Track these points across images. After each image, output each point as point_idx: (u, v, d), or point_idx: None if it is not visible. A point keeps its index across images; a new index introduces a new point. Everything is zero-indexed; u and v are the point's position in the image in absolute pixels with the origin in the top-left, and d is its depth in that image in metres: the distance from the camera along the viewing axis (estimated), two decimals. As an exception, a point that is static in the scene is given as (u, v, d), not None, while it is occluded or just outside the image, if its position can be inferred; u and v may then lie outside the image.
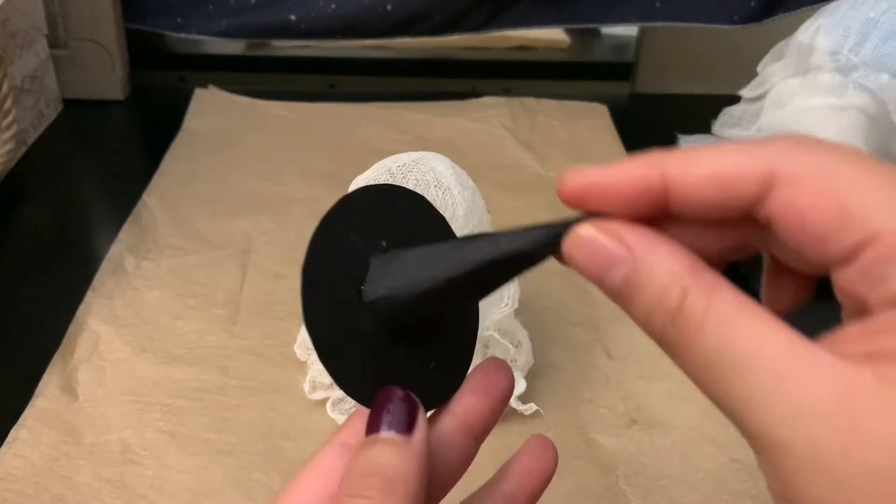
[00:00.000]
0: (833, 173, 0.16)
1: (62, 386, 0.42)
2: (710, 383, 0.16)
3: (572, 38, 0.86)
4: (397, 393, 0.21)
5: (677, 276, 0.17)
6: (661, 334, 0.17)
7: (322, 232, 0.23)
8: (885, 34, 0.59)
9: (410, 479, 0.20)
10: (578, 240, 0.18)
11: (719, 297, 0.16)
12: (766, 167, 0.17)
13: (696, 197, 0.17)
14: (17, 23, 0.63)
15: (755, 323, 0.16)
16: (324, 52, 0.81)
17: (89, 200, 0.62)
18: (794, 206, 0.16)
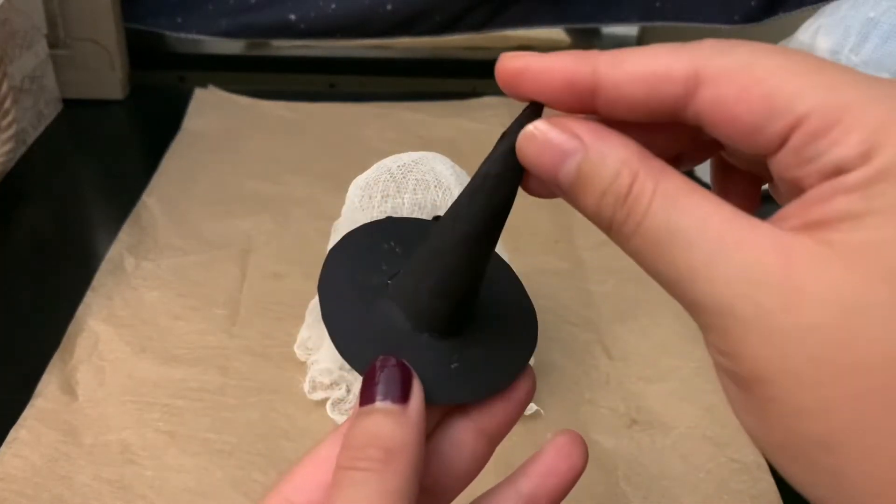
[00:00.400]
0: (755, 65, 0.16)
1: (62, 386, 0.42)
2: (658, 259, 0.17)
3: (572, 38, 0.86)
4: (390, 361, 0.21)
5: (627, 162, 0.17)
6: (611, 218, 0.18)
7: (361, 230, 0.23)
8: (885, 34, 0.59)
9: (409, 449, 0.19)
10: (530, 136, 0.19)
11: (666, 179, 0.17)
12: (690, 66, 0.17)
13: (624, 94, 0.18)
14: (17, 23, 0.63)
15: (700, 200, 0.17)
16: (324, 52, 0.81)
17: (89, 200, 0.62)
18: (719, 102, 0.17)
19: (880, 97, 0.15)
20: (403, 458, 0.19)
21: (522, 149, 0.19)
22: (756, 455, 0.39)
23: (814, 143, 0.16)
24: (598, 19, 0.77)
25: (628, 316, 0.48)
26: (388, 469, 0.19)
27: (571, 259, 0.53)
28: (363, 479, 0.19)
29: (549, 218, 0.58)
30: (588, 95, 0.18)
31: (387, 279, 0.22)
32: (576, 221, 0.58)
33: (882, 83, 0.15)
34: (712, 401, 0.42)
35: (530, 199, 0.60)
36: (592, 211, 0.18)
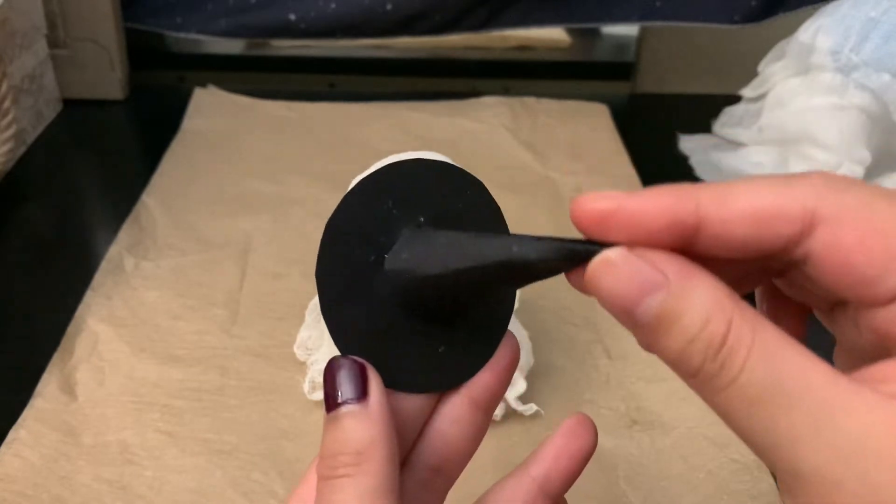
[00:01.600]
0: (876, 212, 0.16)
1: (61, 386, 0.42)
2: (752, 419, 0.15)
3: (572, 38, 0.86)
4: (343, 362, 0.20)
5: (721, 306, 0.16)
6: (699, 368, 0.16)
7: (359, 191, 0.22)
8: (885, 34, 0.59)
9: (378, 445, 0.19)
10: (608, 263, 0.17)
11: (764, 329, 0.16)
12: (807, 205, 0.16)
13: (730, 232, 0.16)
14: (17, 22, 0.63)
15: (799, 356, 0.15)
16: (324, 52, 0.81)
17: (88, 200, 0.61)
18: (837, 246, 0.16)
19: None
20: (375, 455, 0.19)
21: (597, 277, 0.17)
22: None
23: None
24: (598, 19, 0.77)
25: (628, 316, 0.48)
26: (361, 471, 0.19)
27: (571, 259, 0.53)
28: (340, 486, 0.19)
29: (549, 218, 0.58)
30: (689, 236, 0.17)
31: (383, 254, 0.22)
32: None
33: None
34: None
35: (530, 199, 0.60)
36: (674, 356, 0.16)
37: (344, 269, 0.21)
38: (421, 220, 0.22)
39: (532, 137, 0.69)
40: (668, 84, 0.80)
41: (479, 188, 0.24)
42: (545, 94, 0.75)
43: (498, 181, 0.61)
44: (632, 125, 0.72)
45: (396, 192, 0.22)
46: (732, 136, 0.68)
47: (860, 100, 0.57)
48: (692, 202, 0.16)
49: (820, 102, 0.58)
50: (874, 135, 0.58)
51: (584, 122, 0.72)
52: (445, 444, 0.23)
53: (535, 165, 0.65)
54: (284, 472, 0.38)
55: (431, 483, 0.23)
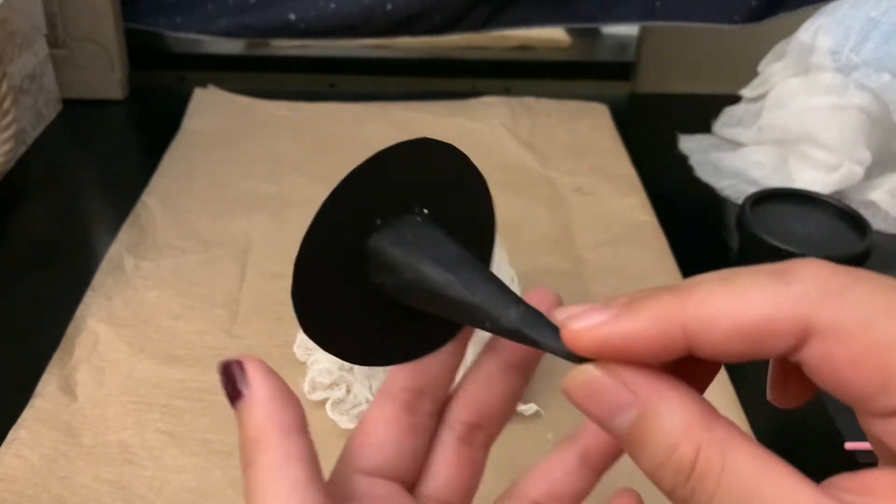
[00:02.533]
0: (873, 326, 0.15)
1: (61, 386, 0.42)
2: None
3: (572, 38, 0.86)
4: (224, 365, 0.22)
5: (689, 430, 0.16)
6: (671, 491, 0.16)
7: (368, 165, 0.22)
8: (885, 34, 0.59)
9: (268, 426, 0.21)
10: (578, 381, 0.17)
11: (736, 451, 0.15)
12: (798, 319, 0.15)
13: (722, 351, 0.16)
14: (17, 22, 0.63)
15: (777, 479, 0.15)
16: (324, 52, 0.81)
17: (88, 200, 0.61)
18: (831, 362, 0.15)
19: None
20: (268, 437, 0.21)
21: (570, 390, 0.18)
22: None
23: None
24: (598, 19, 0.77)
25: (629, 316, 0.48)
26: (260, 455, 0.20)
27: (571, 259, 0.53)
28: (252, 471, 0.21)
29: (549, 218, 0.58)
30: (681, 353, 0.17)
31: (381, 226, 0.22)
32: (576, 221, 0.58)
33: None
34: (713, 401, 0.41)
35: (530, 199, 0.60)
36: (649, 474, 0.17)
37: (333, 239, 0.22)
38: (416, 208, 0.23)
39: (532, 137, 0.69)
40: (668, 84, 0.80)
41: (477, 177, 0.24)
42: (545, 94, 0.75)
43: (498, 181, 0.61)
44: (632, 125, 0.72)
45: (400, 174, 0.23)
46: (732, 136, 0.68)
47: (860, 100, 0.57)
48: (678, 329, 0.16)
49: (820, 102, 0.58)
50: (874, 135, 0.58)
51: (584, 122, 0.72)
52: (479, 403, 0.23)
53: (534, 165, 0.65)
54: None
55: (471, 437, 0.24)
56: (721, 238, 0.58)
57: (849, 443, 0.40)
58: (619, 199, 0.61)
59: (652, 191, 0.62)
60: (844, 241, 0.51)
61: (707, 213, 0.62)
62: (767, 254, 0.50)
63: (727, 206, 0.62)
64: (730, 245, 0.57)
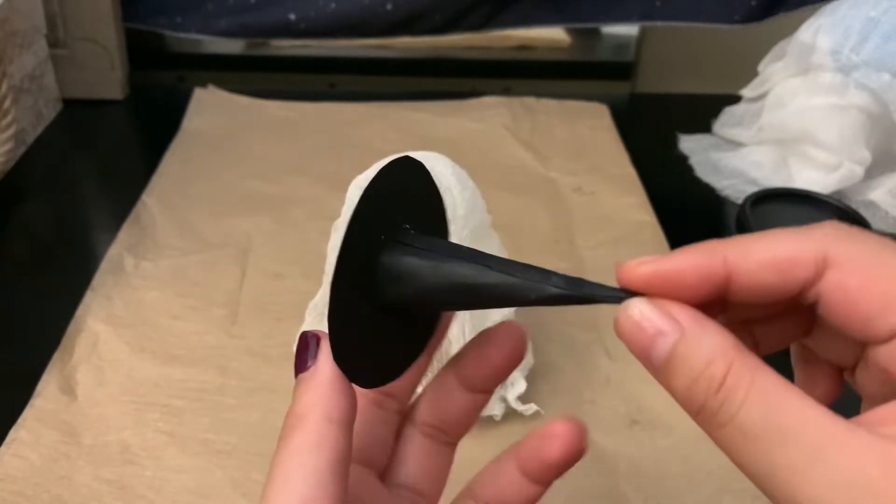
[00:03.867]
0: (880, 260, 0.18)
1: (61, 386, 0.42)
2: (751, 453, 0.17)
3: (572, 38, 0.86)
4: (305, 335, 0.22)
5: (723, 350, 0.18)
6: (701, 405, 0.18)
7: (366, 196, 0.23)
8: (885, 34, 0.59)
9: (314, 407, 0.21)
10: (629, 312, 0.19)
11: (763, 374, 0.17)
12: (819, 251, 0.18)
13: (756, 280, 0.19)
14: (17, 22, 0.63)
15: (797, 399, 0.17)
16: (324, 52, 0.81)
17: (88, 200, 0.61)
18: (843, 287, 0.18)
19: None
20: (310, 416, 0.21)
21: (620, 322, 0.19)
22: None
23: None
24: (598, 19, 0.77)
25: (629, 316, 0.48)
26: (298, 430, 0.21)
27: (571, 259, 0.53)
28: (284, 443, 0.21)
29: (549, 218, 0.58)
30: (721, 286, 0.19)
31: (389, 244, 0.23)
32: (576, 221, 0.58)
33: None
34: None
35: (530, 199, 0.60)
36: (682, 395, 0.18)
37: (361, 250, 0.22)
38: (403, 223, 0.23)
39: (532, 137, 0.69)
40: (668, 84, 0.80)
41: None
42: (545, 94, 0.75)
43: (498, 181, 0.61)
44: (632, 125, 0.72)
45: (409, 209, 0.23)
46: (732, 136, 0.68)
47: (860, 100, 0.57)
48: (720, 257, 0.19)
49: (820, 102, 0.58)
50: (874, 135, 0.58)
51: (584, 122, 0.72)
52: (441, 411, 0.25)
53: (535, 165, 0.65)
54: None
55: (436, 436, 0.25)
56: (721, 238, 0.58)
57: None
58: (619, 199, 0.61)
59: (652, 191, 0.62)
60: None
61: (707, 213, 0.62)
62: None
63: (727, 206, 0.62)
64: (730, 245, 0.57)
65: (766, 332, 0.22)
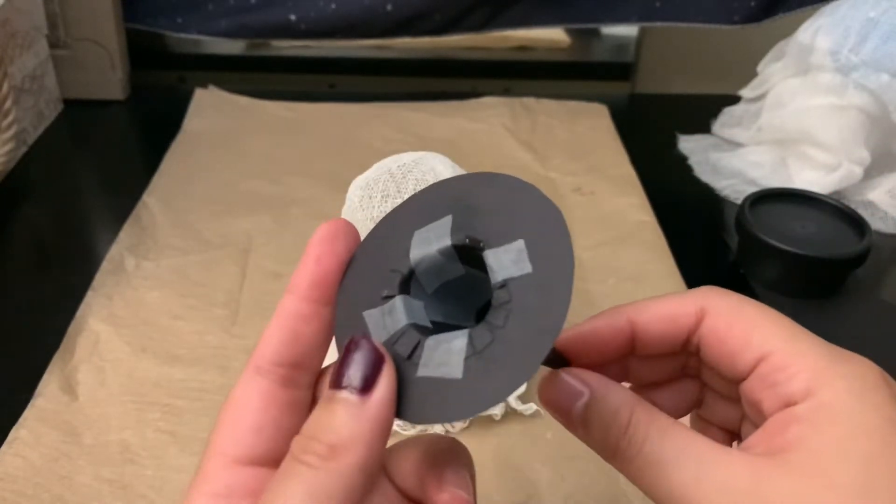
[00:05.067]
0: (740, 310, 0.22)
1: (62, 386, 0.42)
2: (655, 479, 0.21)
3: (572, 38, 0.86)
4: (363, 343, 0.19)
5: (625, 401, 0.22)
6: (615, 446, 0.21)
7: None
8: (885, 34, 0.59)
9: (358, 446, 0.18)
10: (549, 380, 0.23)
11: (659, 416, 0.21)
12: (698, 304, 0.23)
13: (651, 330, 0.23)
14: (17, 23, 0.63)
15: (685, 432, 0.21)
16: (324, 52, 0.81)
17: (89, 200, 0.62)
18: (715, 331, 0.23)
19: (823, 353, 0.21)
20: (349, 455, 0.18)
21: (543, 389, 0.23)
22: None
23: (773, 374, 0.21)
24: (598, 19, 0.77)
25: (628, 316, 0.48)
26: (326, 467, 0.18)
27: (571, 259, 0.53)
28: (297, 471, 0.18)
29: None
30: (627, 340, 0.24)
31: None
32: (575, 221, 0.58)
33: (826, 345, 0.21)
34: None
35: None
36: (600, 443, 0.22)
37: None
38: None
39: (532, 137, 0.69)
40: (668, 84, 0.80)
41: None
42: (545, 94, 0.76)
43: (498, 181, 0.61)
44: (631, 125, 0.72)
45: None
46: (732, 136, 0.68)
47: (859, 100, 0.57)
48: (624, 315, 0.24)
49: (819, 102, 0.58)
50: (873, 135, 0.58)
51: (584, 123, 0.72)
52: None
53: (535, 165, 0.65)
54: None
55: None
56: (720, 238, 0.58)
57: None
58: (618, 199, 0.61)
59: (651, 191, 0.62)
60: (843, 241, 0.51)
61: (706, 213, 0.62)
62: (766, 253, 0.50)
63: (726, 206, 0.62)
64: (729, 245, 0.57)
65: (665, 399, 0.26)
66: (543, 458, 0.39)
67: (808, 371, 0.21)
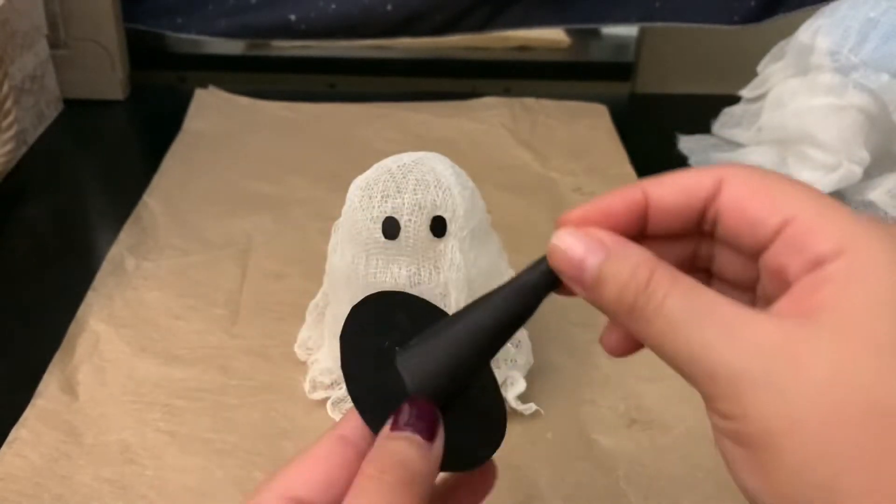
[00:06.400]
0: (764, 177, 0.21)
1: (62, 386, 0.42)
2: (676, 338, 0.20)
3: (572, 38, 0.86)
4: (424, 402, 0.23)
5: (645, 259, 0.21)
6: (633, 304, 0.21)
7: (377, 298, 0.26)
8: (884, 34, 0.59)
9: (427, 481, 0.21)
10: (561, 239, 0.22)
11: (681, 276, 0.21)
12: (717, 176, 0.22)
13: (667, 201, 0.22)
14: (18, 23, 0.63)
15: (710, 291, 0.20)
16: (324, 52, 0.81)
17: (89, 200, 0.62)
18: (736, 198, 0.21)
19: (852, 216, 0.20)
20: (422, 486, 0.21)
21: (552, 253, 0.22)
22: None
23: (801, 237, 0.20)
24: (598, 19, 0.77)
25: (628, 316, 0.48)
26: (409, 491, 0.21)
27: (571, 259, 0.53)
28: (386, 491, 0.21)
29: (548, 218, 0.58)
30: (642, 213, 0.23)
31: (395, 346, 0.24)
32: (576, 221, 0.58)
33: (853, 211, 0.21)
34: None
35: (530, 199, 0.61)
36: (614, 302, 0.21)
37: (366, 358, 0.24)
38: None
39: (532, 138, 0.69)
40: (668, 84, 0.80)
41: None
42: (545, 94, 0.76)
43: (498, 181, 0.61)
44: (631, 125, 0.72)
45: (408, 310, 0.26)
46: (731, 136, 0.68)
47: (859, 100, 0.57)
48: (640, 188, 0.23)
49: (819, 103, 0.58)
50: (873, 135, 0.58)
51: (584, 123, 0.72)
52: None
53: (535, 165, 0.65)
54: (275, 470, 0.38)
55: None
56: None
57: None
58: (618, 199, 0.61)
59: (651, 191, 0.62)
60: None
61: (706, 214, 0.62)
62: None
63: (726, 207, 0.62)
64: (729, 245, 0.57)
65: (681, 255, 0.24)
66: (543, 458, 0.39)
67: (837, 231, 0.19)
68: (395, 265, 0.37)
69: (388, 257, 0.37)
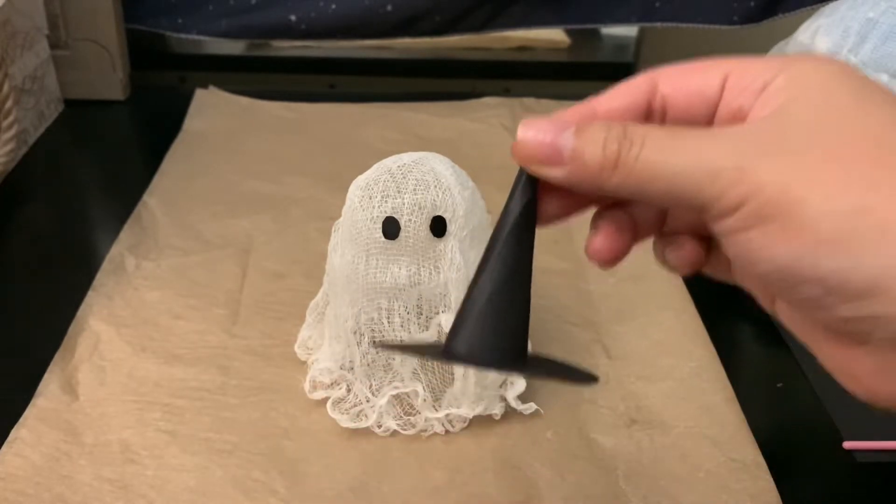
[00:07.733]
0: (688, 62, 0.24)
1: (63, 386, 0.42)
2: (669, 157, 0.21)
3: (572, 38, 0.86)
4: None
5: (612, 118, 0.23)
6: (616, 153, 0.21)
7: None
8: (884, 34, 0.59)
9: None
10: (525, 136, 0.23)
11: (653, 126, 0.22)
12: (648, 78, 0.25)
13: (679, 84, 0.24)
14: (18, 23, 0.63)
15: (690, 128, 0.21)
16: (324, 52, 0.81)
17: (90, 200, 0.62)
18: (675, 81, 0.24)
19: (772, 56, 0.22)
20: None
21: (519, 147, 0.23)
22: (755, 454, 0.39)
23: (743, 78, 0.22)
24: (598, 19, 0.77)
25: (627, 316, 0.48)
26: None
27: (571, 259, 0.53)
28: None
29: (548, 218, 0.58)
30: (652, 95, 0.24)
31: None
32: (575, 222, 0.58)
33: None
34: (712, 400, 0.42)
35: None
36: (598, 160, 0.22)
37: None
38: None
39: (532, 138, 0.69)
40: (668, 84, 0.80)
41: None
42: (545, 94, 0.76)
43: (498, 181, 0.61)
44: (631, 126, 0.72)
45: None
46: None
47: (859, 100, 0.57)
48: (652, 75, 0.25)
49: (819, 103, 0.58)
50: (873, 135, 0.58)
51: (584, 123, 0.72)
52: None
53: (534, 166, 0.65)
54: (285, 471, 0.38)
55: None
56: (720, 238, 0.58)
57: (847, 442, 0.41)
58: (618, 199, 0.61)
59: (651, 191, 0.62)
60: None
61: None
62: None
63: (726, 207, 0.62)
64: (729, 245, 0.57)
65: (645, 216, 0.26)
66: (543, 458, 0.39)
67: (773, 63, 0.22)
68: (395, 265, 0.37)
69: (388, 257, 0.37)
